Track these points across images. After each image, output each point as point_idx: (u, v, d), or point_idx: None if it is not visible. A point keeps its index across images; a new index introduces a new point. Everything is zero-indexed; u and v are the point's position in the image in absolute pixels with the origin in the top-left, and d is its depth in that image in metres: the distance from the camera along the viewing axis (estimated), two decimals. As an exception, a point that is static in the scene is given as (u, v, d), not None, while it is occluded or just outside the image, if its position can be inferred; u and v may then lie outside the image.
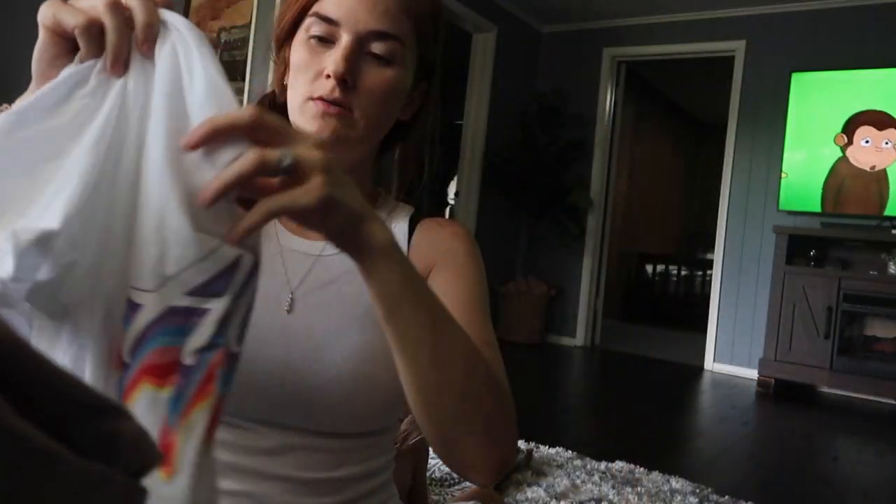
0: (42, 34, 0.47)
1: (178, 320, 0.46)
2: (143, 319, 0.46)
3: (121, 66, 0.45)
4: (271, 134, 0.46)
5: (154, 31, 0.46)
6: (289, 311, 0.72)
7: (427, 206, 0.88)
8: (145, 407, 0.45)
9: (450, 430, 0.59)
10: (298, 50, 0.72)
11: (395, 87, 0.72)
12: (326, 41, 0.70)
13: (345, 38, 0.69)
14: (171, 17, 0.48)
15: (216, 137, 0.44)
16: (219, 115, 0.44)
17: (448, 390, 0.58)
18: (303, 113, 0.71)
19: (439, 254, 0.76)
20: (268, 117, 0.46)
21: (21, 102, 0.45)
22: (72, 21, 0.45)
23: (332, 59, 0.69)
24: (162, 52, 0.46)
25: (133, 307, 0.46)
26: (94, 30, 0.45)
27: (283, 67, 0.77)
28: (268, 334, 0.69)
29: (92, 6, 0.45)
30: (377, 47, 0.71)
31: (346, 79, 0.68)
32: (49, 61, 0.47)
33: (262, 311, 0.69)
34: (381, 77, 0.71)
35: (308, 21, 0.71)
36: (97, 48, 0.45)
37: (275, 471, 0.70)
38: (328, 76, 0.69)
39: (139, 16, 0.46)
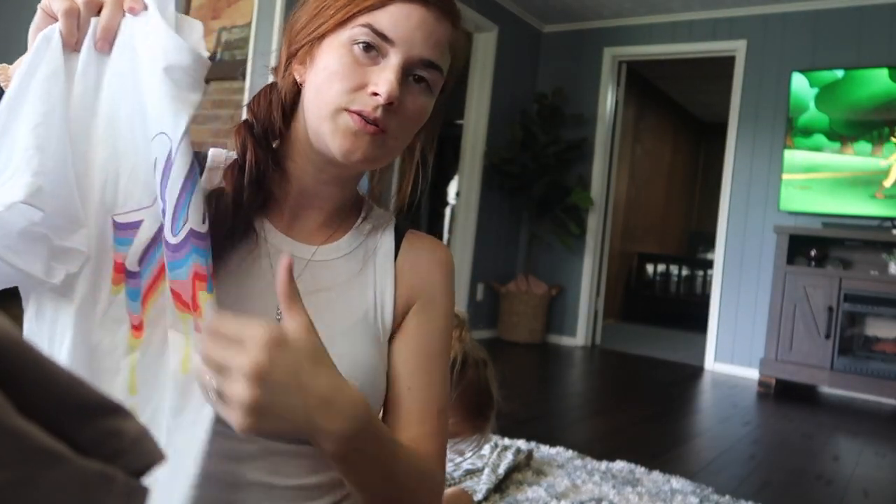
0: (38, 13, 0.63)
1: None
2: (146, 232, 0.62)
3: (106, 45, 0.62)
4: (223, 342, 0.55)
5: (111, 34, 0.62)
6: (278, 319, 0.70)
7: (414, 209, 0.87)
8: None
9: None
10: (337, 53, 0.69)
11: (426, 114, 0.74)
12: (372, 53, 0.69)
13: (395, 59, 0.69)
14: None
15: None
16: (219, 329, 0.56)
17: None
18: (335, 123, 0.69)
19: (420, 286, 0.80)
20: (224, 327, 0.55)
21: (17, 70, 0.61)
22: (57, 6, 0.61)
23: (385, 79, 0.68)
24: (119, 40, 0.62)
25: (131, 226, 0.61)
26: (73, 13, 0.61)
27: (301, 65, 0.74)
28: None
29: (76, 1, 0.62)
30: (422, 75, 0.71)
31: (394, 102, 0.68)
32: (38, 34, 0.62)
33: (250, 316, 0.69)
34: (419, 105, 0.72)
35: (356, 30, 0.69)
36: (74, 28, 0.62)
37: (253, 477, 0.69)
38: (374, 94, 0.68)
39: (102, 19, 0.62)
